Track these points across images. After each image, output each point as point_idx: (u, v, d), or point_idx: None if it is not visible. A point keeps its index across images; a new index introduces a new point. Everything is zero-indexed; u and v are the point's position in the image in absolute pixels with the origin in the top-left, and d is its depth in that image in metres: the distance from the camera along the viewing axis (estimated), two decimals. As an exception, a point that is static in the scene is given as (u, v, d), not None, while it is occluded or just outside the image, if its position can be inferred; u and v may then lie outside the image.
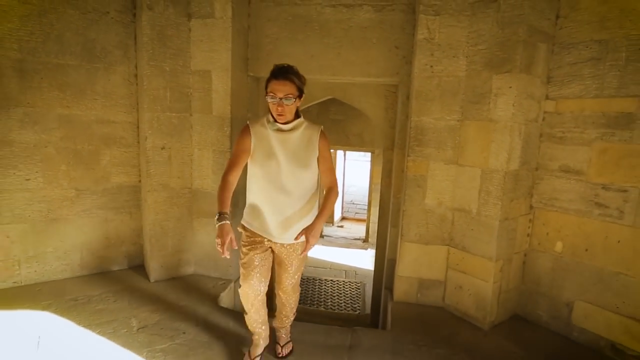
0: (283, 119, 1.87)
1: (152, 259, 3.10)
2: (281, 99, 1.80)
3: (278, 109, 1.83)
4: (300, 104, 1.91)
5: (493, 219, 2.58)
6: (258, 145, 1.92)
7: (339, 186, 2.08)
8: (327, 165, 2.01)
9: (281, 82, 1.80)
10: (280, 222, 1.96)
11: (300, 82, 1.86)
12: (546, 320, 2.70)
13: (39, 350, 2.23)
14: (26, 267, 2.99)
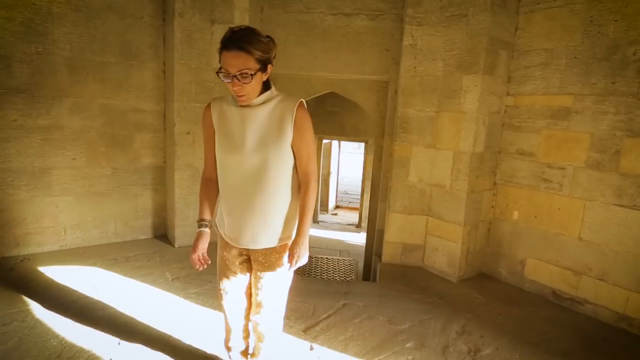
0: (244, 101, 1.52)
1: (177, 228, 3.76)
2: (235, 76, 1.42)
3: (234, 88, 1.46)
4: (267, 76, 1.54)
5: (462, 192, 3.30)
6: (219, 126, 1.63)
7: (333, 176, 2.21)
8: (304, 149, 1.62)
9: (233, 55, 1.40)
10: (246, 221, 1.64)
11: (262, 50, 1.44)
12: (505, 276, 3.43)
13: (98, 291, 2.88)
14: (71, 233, 3.63)
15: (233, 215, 1.68)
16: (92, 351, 2.20)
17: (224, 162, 1.64)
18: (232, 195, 1.66)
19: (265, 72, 1.50)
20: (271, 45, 1.49)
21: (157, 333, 2.41)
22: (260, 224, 1.64)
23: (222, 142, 1.62)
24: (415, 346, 2.42)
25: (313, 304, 2.84)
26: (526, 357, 2.38)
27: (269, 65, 1.51)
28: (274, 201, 1.63)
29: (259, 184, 1.59)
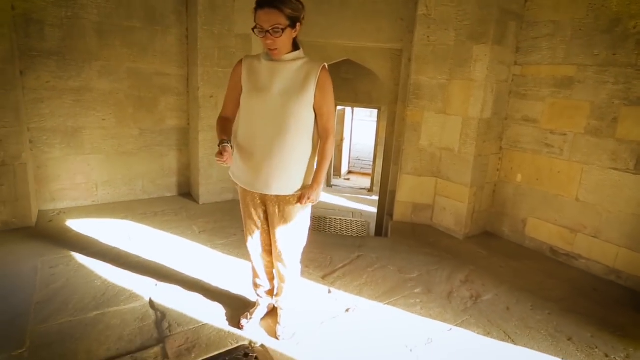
0: (277, 54, 1.66)
1: (201, 186, 3.90)
2: (268, 31, 1.57)
3: (267, 42, 1.61)
4: (297, 33, 1.67)
5: (470, 156, 3.38)
6: (247, 78, 1.74)
7: (346, 143, 2.35)
8: (325, 107, 1.74)
9: (266, 12, 1.55)
10: (266, 165, 1.73)
11: (292, 9, 1.58)
12: (508, 234, 3.55)
13: (132, 240, 3.05)
14: (102, 190, 3.78)
15: (250, 158, 1.77)
16: (133, 290, 2.38)
17: (248, 105, 1.74)
18: (252, 138, 1.75)
19: (295, 29, 1.64)
20: (300, 6, 1.63)
21: (189, 277, 2.57)
22: (276, 168, 1.73)
23: (249, 87, 1.73)
24: (423, 291, 2.58)
25: (330, 255, 2.99)
26: (522, 301, 2.53)
27: (297, 24, 1.64)
28: (292, 147, 1.71)
29: (279, 128, 1.69)
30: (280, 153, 1.71)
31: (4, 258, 2.67)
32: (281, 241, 1.89)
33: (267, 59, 1.72)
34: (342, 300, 2.41)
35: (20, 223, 3.15)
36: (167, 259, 2.79)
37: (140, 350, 1.88)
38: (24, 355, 1.81)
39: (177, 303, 2.26)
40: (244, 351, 1.90)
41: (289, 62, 1.69)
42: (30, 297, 2.27)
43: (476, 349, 2.05)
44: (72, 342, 1.91)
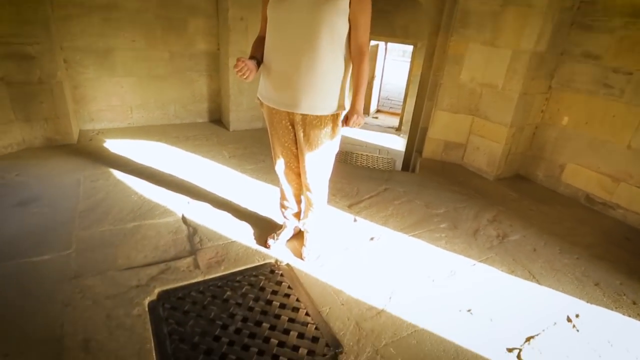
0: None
1: (231, 113, 3.86)
2: None
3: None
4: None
5: (514, 93, 3.11)
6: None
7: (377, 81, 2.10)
8: (362, 18, 1.56)
9: None
10: (295, 80, 1.60)
11: None
12: (541, 178, 3.38)
13: (165, 161, 3.11)
14: (136, 112, 3.81)
15: (278, 73, 1.64)
16: (167, 206, 2.46)
17: (275, 13, 1.58)
18: (279, 49, 1.61)
19: None
20: None
21: (219, 197, 2.63)
22: (305, 84, 1.59)
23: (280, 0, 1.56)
24: (449, 227, 2.54)
25: (357, 186, 2.96)
26: (551, 244, 2.45)
27: None
28: (323, 60, 1.56)
29: (309, 38, 1.52)
30: (311, 66, 1.56)
31: (50, 171, 2.80)
32: (309, 166, 1.83)
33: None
34: (367, 229, 2.42)
35: (63, 140, 3.26)
36: (199, 179, 2.85)
37: (174, 259, 1.97)
38: (71, 255, 1.95)
39: (207, 220, 2.34)
40: (270, 268, 1.97)
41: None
42: (74, 206, 2.39)
43: (499, 284, 2.04)
44: (113, 248, 2.02)
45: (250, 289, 1.81)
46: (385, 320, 1.72)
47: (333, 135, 1.77)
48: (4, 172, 2.72)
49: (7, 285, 1.72)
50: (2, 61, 2.84)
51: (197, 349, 1.49)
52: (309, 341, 1.58)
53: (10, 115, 2.97)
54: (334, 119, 1.73)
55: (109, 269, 1.87)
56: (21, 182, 2.62)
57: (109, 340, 1.50)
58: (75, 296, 1.69)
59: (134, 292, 1.73)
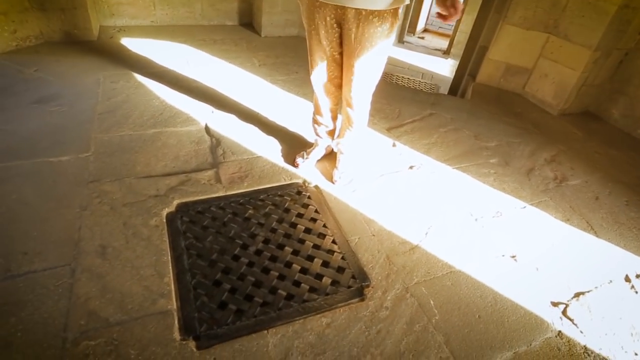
0: None
1: (264, 15, 3.50)
2: None
3: None
4: None
5: (611, 5, 2.56)
6: None
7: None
8: None
9: None
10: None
11: None
12: (616, 118, 2.96)
13: (190, 65, 2.90)
14: (160, 9, 3.51)
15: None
16: (189, 114, 2.31)
17: None
18: None
19: None
20: None
21: (246, 108, 2.45)
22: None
23: None
24: (499, 163, 2.29)
25: (399, 108, 2.69)
26: (616, 194, 2.18)
27: None
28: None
29: None
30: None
31: (69, 68, 2.66)
32: (357, 74, 1.58)
33: None
34: (406, 156, 2.21)
35: (83, 36, 3.07)
36: (225, 87, 2.65)
37: (195, 171, 1.87)
38: (89, 158, 1.88)
39: (232, 132, 2.19)
40: (297, 188, 1.84)
41: None
42: (93, 106, 2.28)
43: (550, 232, 1.84)
44: (132, 154, 1.94)
45: (274, 209, 1.71)
46: (419, 257, 1.60)
47: (390, 35, 1.49)
48: (23, 67, 2.61)
49: (24, 184, 1.68)
50: None
51: (214, 267, 1.43)
52: (333, 270, 1.49)
53: (24, 2, 2.77)
54: (394, 13, 1.44)
55: (128, 176, 1.79)
56: (40, 79, 2.51)
57: (125, 248, 1.46)
58: (92, 201, 1.64)
59: (152, 202, 1.67)
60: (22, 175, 1.73)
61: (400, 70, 5.19)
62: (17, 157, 1.83)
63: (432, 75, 5.41)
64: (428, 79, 5.14)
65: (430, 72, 5.53)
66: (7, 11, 2.70)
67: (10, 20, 2.73)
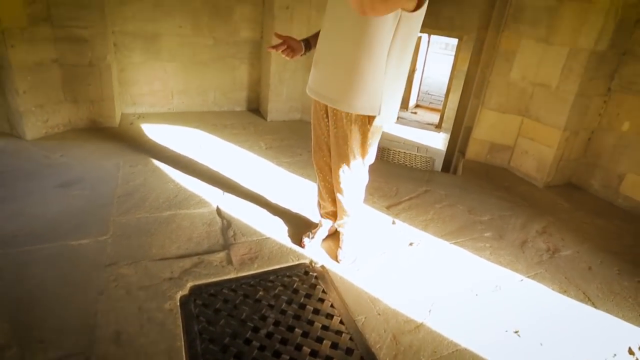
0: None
1: (270, 102, 3.76)
2: None
3: None
4: None
5: (569, 94, 2.82)
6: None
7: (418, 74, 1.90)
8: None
9: None
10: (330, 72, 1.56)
11: None
12: (596, 188, 3.06)
13: (202, 149, 3.05)
14: (177, 98, 3.78)
15: (321, 65, 1.59)
16: (202, 197, 2.39)
17: (330, 7, 1.52)
18: (327, 43, 1.56)
19: None
20: None
21: (254, 190, 2.53)
22: (341, 79, 1.51)
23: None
24: (494, 236, 2.33)
25: (396, 186, 2.78)
26: (608, 264, 2.19)
27: None
28: (362, 58, 1.44)
29: (353, 37, 1.44)
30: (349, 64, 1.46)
31: (92, 153, 2.80)
32: (337, 162, 1.71)
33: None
34: (406, 233, 2.25)
35: (106, 122, 3.27)
36: (234, 170, 2.76)
37: (207, 253, 1.90)
38: (108, 241, 1.91)
39: (242, 213, 2.25)
40: (304, 269, 1.85)
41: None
42: (113, 190, 2.37)
43: (549, 305, 1.83)
44: (148, 236, 1.97)
45: (284, 290, 1.70)
46: (425, 336, 1.57)
47: (363, 139, 1.62)
48: (50, 152, 2.75)
49: (46, 269, 1.70)
50: (58, 43, 2.86)
51: (227, 352, 1.40)
52: (342, 352, 1.45)
53: (60, 95, 3.00)
54: (364, 120, 1.57)
55: (144, 258, 1.81)
56: (64, 163, 2.63)
57: (139, 334, 1.44)
58: (109, 284, 1.65)
59: (166, 285, 1.67)
60: (44, 259, 1.75)
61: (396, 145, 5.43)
62: (40, 240, 1.86)
63: (426, 149, 5.65)
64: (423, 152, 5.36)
65: (424, 145, 5.79)
66: (44, 104, 2.91)
67: (45, 112, 2.94)
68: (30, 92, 2.79)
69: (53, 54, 2.87)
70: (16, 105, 2.76)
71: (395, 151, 4.68)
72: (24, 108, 2.78)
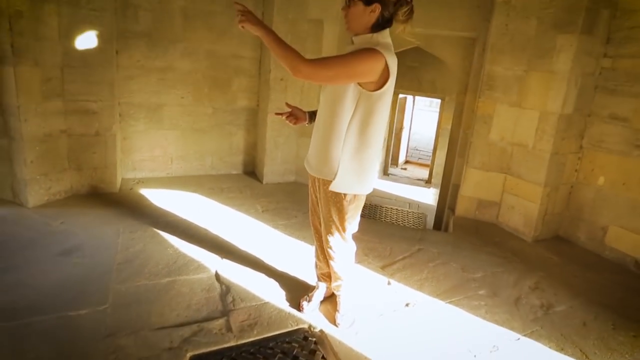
0: (347, 28, 1.60)
1: (265, 166, 3.91)
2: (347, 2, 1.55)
3: (343, 13, 1.59)
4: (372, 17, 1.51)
5: (545, 153, 3.02)
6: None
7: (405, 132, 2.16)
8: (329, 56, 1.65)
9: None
10: (311, 143, 1.76)
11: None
12: (583, 241, 3.15)
13: (200, 213, 3.11)
14: (176, 163, 3.92)
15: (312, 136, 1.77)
16: (201, 262, 2.41)
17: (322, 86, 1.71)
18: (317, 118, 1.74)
19: (370, 7, 1.50)
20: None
21: (252, 254, 2.57)
22: (316, 148, 1.71)
23: None
24: (488, 294, 2.35)
25: (390, 246, 2.84)
26: (602, 318, 2.21)
27: (375, 4, 1.49)
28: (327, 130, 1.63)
29: (325, 114, 1.65)
30: (320, 138, 1.68)
31: (93, 220, 2.84)
32: (324, 230, 1.82)
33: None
34: (401, 294, 2.27)
35: (107, 188, 3.35)
36: (232, 234, 2.81)
37: (206, 320, 1.89)
38: (107, 311, 1.90)
39: (240, 278, 2.26)
40: (303, 334, 1.84)
41: (351, 45, 1.60)
42: (113, 256, 2.39)
43: (548, 363, 1.83)
44: (147, 304, 1.97)
45: (283, 357, 1.69)
46: (427, 402, 1.55)
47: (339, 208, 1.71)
48: (51, 219, 2.78)
49: (43, 342, 1.67)
50: (69, 115, 3.04)
51: None
52: (344, 423, 1.42)
53: (65, 164, 3.11)
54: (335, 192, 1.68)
55: (143, 328, 1.80)
56: (65, 230, 2.66)
57: (137, 411, 1.40)
58: (108, 357, 1.62)
59: (166, 356, 1.65)
60: (42, 331, 1.73)
61: (388, 202, 5.55)
62: (39, 312, 1.84)
63: (418, 205, 5.76)
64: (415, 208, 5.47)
65: (416, 201, 5.91)
66: (48, 172, 3.01)
67: (49, 179, 3.02)
68: (37, 162, 2.90)
69: (63, 126, 3.04)
70: (22, 174, 2.86)
71: (388, 208, 4.78)
72: (30, 177, 2.87)
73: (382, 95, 1.55)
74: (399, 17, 1.53)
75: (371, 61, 1.47)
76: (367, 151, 1.63)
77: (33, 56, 2.74)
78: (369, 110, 1.56)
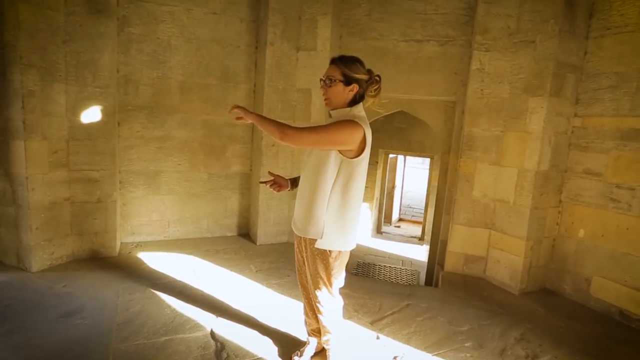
0: (326, 104, 1.91)
1: (259, 228, 4.26)
2: (324, 80, 1.86)
3: (321, 90, 1.91)
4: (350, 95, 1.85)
5: (526, 208, 3.40)
6: None
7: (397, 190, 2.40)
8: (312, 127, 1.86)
9: (329, 66, 1.88)
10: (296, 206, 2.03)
11: (348, 68, 1.83)
12: (569, 292, 3.43)
13: (196, 275, 3.41)
14: (173, 227, 4.28)
15: (296, 199, 2.03)
16: (197, 321, 2.68)
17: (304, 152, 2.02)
18: (301, 182, 2.02)
19: (349, 87, 1.84)
20: (360, 70, 1.86)
21: (246, 313, 2.83)
22: (301, 210, 1.96)
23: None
24: (474, 346, 2.60)
25: (379, 302, 3.11)
26: (586, 368, 2.44)
27: (353, 84, 1.84)
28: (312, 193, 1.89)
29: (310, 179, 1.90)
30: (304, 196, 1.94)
31: (93, 282, 3.13)
32: (311, 286, 2.05)
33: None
34: (390, 348, 2.51)
35: (106, 252, 3.67)
36: (227, 294, 3.09)
37: (202, 375, 2.13)
38: (107, 370, 2.15)
39: (235, 336, 2.52)
40: (294, 386, 2.08)
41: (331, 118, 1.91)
42: (113, 317, 2.65)
43: (527, 410, 2.04)
44: (146, 363, 2.21)
45: (274, 407, 1.91)
46: None
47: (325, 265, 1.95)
48: (54, 283, 3.07)
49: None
50: (73, 184, 3.44)
51: None
52: None
53: (67, 230, 3.46)
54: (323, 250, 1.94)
55: (142, 385, 2.03)
56: (67, 293, 2.94)
57: None
58: (110, 411, 1.85)
59: (164, 408, 1.88)
60: (47, 391, 1.97)
61: (381, 260, 5.83)
62: (43, 373, 2.09)
63: (411, 262, 6.04)
64: (408, 266, 5.74)
65: (409, 259, 6.20)
66: (52, 238, 3.35)
67: (52, 245, 3.35)
68: (41, 228, 3.26)
69: (67, 194, 3.43)
70: (27, 240, 3.20)
71: (381, 266, 5.06)
72: (34, 242, 3.21)
73: (361, 162, 1.87)
74: (370, 92, 1.89)
75: (351, 131, 1.78)
76: (349, 211, 1.90)
77: (42, 131, 3.20)
78: (349, 174, 1.86)
